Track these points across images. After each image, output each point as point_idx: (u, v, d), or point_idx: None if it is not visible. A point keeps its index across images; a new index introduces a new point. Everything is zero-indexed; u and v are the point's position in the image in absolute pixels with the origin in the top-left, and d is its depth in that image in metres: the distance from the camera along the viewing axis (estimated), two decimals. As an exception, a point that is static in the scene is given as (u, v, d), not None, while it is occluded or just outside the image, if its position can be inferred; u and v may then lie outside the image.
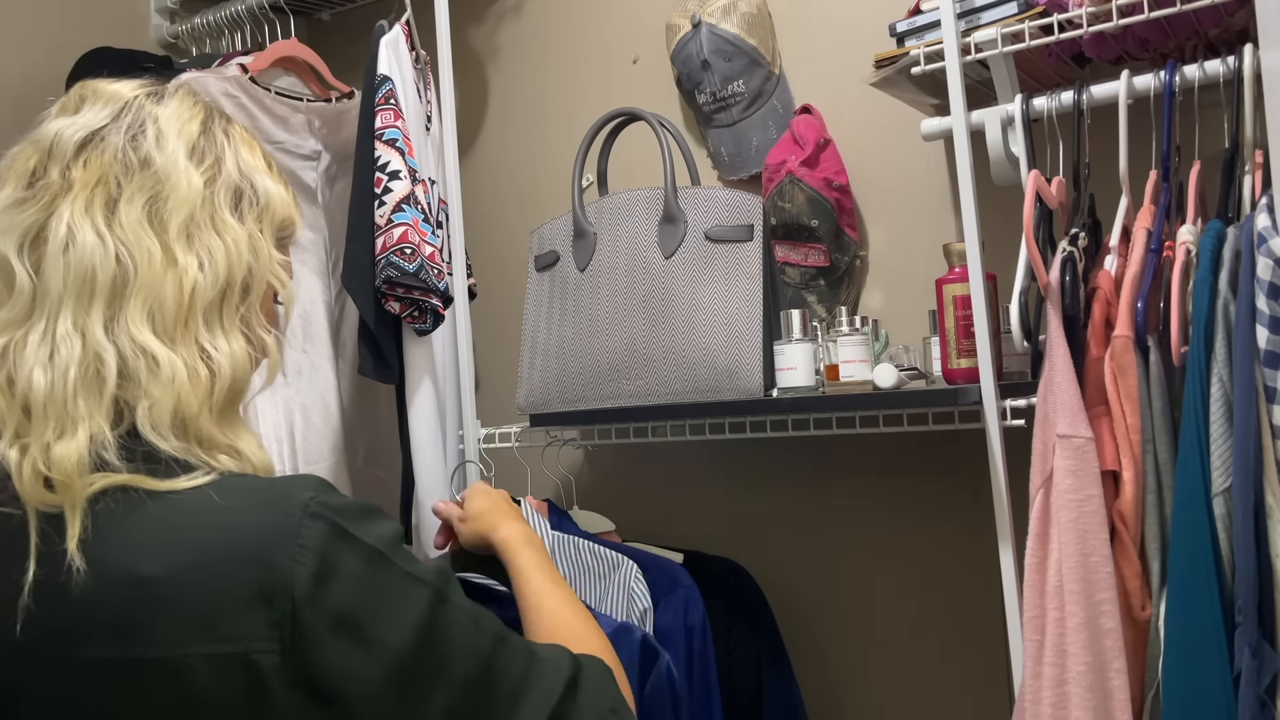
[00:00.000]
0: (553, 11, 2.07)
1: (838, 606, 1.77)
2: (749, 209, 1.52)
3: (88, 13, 2.03)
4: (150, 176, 0.87)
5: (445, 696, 0.79)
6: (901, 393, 1.37)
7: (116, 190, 0.86)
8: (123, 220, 0.85)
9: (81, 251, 0.82)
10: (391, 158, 1.59)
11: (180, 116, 0.91)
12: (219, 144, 0.92)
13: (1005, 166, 1.39)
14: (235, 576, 0.75)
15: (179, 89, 0.95)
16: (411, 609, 0.79)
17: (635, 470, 1.93)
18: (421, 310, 1.59)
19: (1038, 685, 1.19)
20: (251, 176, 0.93)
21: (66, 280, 0.82)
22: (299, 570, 0.75)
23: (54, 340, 0.81)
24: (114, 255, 0.83)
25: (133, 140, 0.88)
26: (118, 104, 0.90)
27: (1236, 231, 1.15)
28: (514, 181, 2.08)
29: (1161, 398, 1.19)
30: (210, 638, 0.74)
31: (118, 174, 0.86)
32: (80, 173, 0.86)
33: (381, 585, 0.79)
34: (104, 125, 0.88)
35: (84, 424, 0.79)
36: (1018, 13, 1.36)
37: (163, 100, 0.92)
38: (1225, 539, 1.11)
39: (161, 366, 0.82)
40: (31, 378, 0.80)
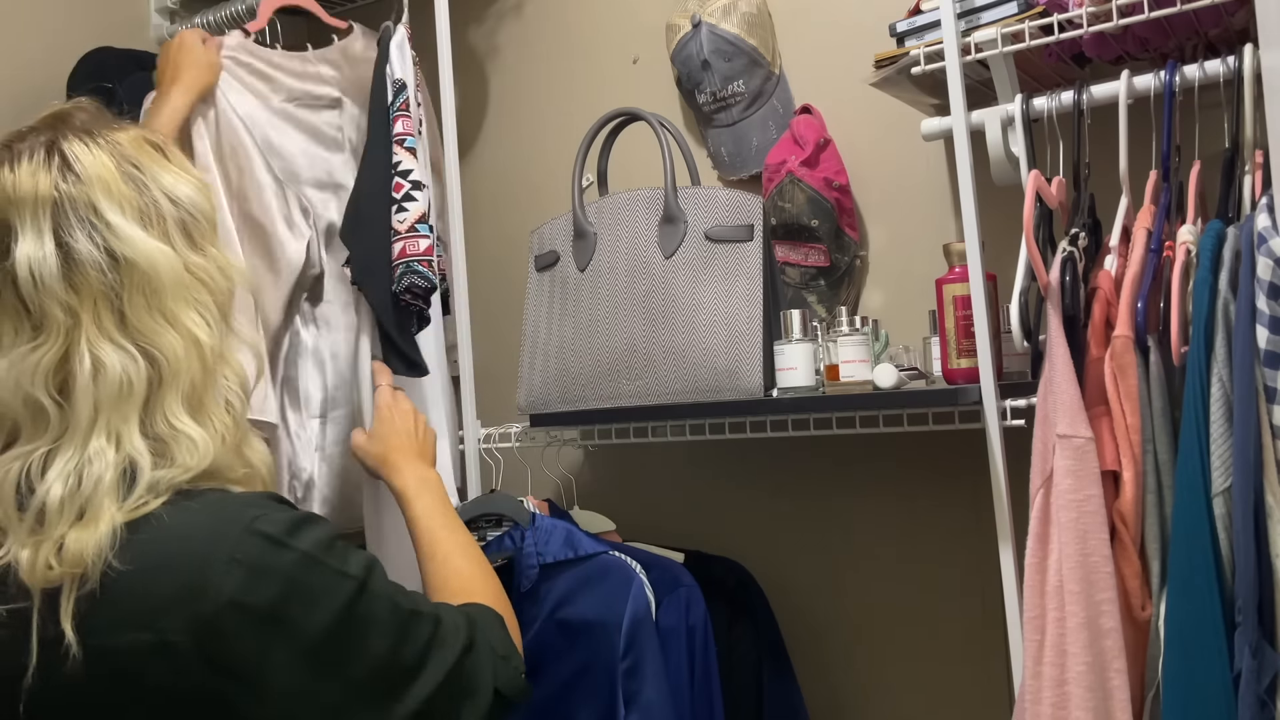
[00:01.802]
0: (553, 11, 2.07)
1: (838, 606, 1.77)
2: (749, 209, 1.52)
3: (88, 13, 2.03)
4: (134, 272, 0.90)
5: (359, 669, 0.89)
6: (901, 393, 1.37)
7: (117, 300, 0.89)
8: (135, 326, 0.90)
9: (112, 372, 0.88)
10: (414, 166, 1.57)
11: (105, 183, 0.91)
12: (142, 186, 0.94)
13: (1005, 166, 1.39)
14: (168, 582, 0.84)
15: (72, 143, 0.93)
16: (333, 601, 0.88)
17: (635, 470, 1.93)
18: (418, 317, 1.59)
19: (1038, 685, 1.19)
20: (177, 197, 0.95)
21: (99, 401, 0.87)
22: (228, 580, 0.84)
23: (83, 456, 0.86)
24: (145, 361, 0.89)
25: (95, 244, 0.90)
26: (46, 207, 0.90)
27: (1236, 231, 1.15)
28: (514, 181, 2.08)
29: (1161, 398, 1.19)
30: (138, 628, 0.83)
31: (108, 286, 0.89)
32: (76, 300, 0.88)
33: (307, 585, 0.87)
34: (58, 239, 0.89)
35: (105, 516, 0.85)
36: (1018, 13, 1.36)
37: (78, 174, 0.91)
38: (1225, 539, 1.11)
39: (199, 445, 0.89)
40: (50, 490, 0.85)
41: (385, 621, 0.92)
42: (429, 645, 0.94)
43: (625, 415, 1.55)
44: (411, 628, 0.94)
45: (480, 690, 0.98)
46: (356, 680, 0.89)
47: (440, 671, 0.94)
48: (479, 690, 0.98)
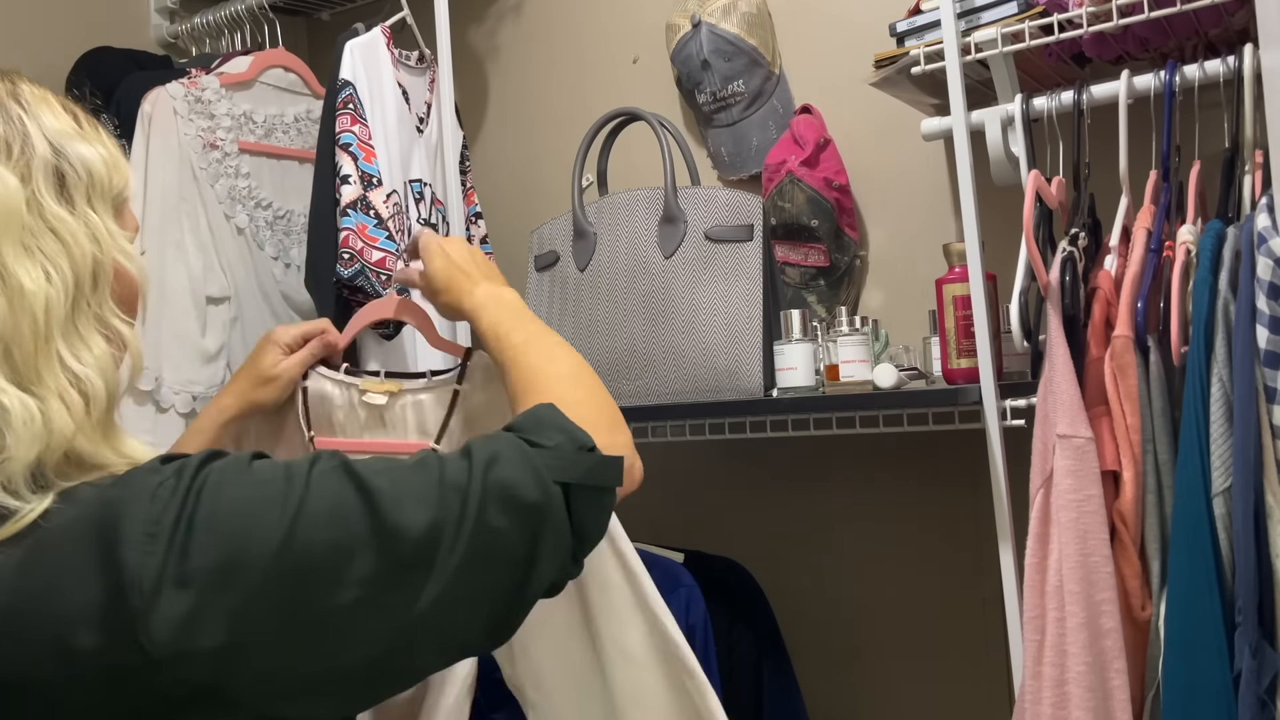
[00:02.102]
0: (553, 11, 2.07)
1: (837, 606, 1.77)
2: (749, 209, 1.52)
3: (88, 13, 2.03)
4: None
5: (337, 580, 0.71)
6: (901, 393, 1.37)
7: None
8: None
9: None
10: (343, 162, 1.59)
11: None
12: (17, 119, 0.79)
13: (1005, 166, 1.39)
14: (78, 592, 0.68)
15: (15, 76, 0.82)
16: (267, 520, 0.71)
17: (635, 470, 1.93)
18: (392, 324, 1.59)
19: (1038, 685, 1.19)
20: (64, 148, 0.80)
21: None
22: (149, 560, 0.68)
23: None
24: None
25: None
26: None
27: (1236, 231, 1.15)
28: (514, 181, 2.08)
29: (1161, 398, 1.19)
30: (65, 654, 0.67)
31: None
32: None
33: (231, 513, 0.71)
34: None
35: None
36: (1018, 13, 1.36)
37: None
38: (1225, 539, 1.11)
39: (15, 417, 0.71)
40: None
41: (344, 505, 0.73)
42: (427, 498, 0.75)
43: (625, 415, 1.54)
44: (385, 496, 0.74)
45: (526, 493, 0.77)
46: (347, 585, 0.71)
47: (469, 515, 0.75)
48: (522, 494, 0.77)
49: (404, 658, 0.75)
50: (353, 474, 0.75)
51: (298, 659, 0.71)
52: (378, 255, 1.56)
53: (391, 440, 1.28)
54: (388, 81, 1.73)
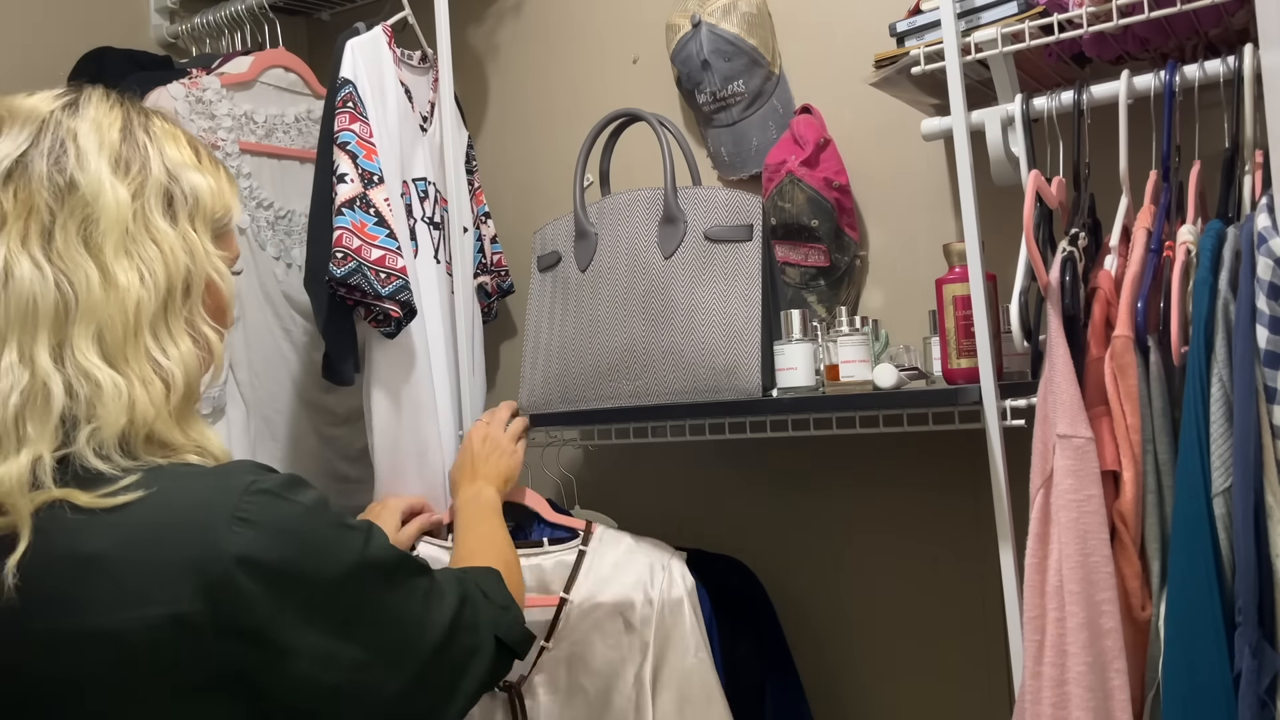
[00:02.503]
0: (553, 11, 2.07)
1: (838, 605, 1.77)
2: (748, 209, 1.52)
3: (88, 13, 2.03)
4: (78, 200, 0.88)
5: (371, 624, 0.90)
6: (901, 393, 1.37)
7: (49, 218, 0.87)
8: (59, 248, 0.87)
9: (20, 284, 0.85)
10: (340, 160, 1.59)
11: (100, 127, 0.92)
12: (142, 146, 0.93)
13: (1005, 166, 1.39)
14: (171, 547, 0.81)
15: (94, 93, 0.95)
16: (341, 554, 0.89)
17: (636, 470, 1.93)
18: (381, 315, 1.59)
19: (1038, 685, 1.19)
20: (179, 174, 0.94)
21: (8, 313, 0.85)
22: (235, 539, 0.82)
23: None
24: (53, 284, 0.86)
25: (56, 163, 0.89)
26: (34, 123, 0.91)
27: (1236, 231, 1.15)
28: (514, 182, 2.08)
29: (1161, 398, 1.19)
30: (144, 603, 0.80)
31: (47, 201, 0.88)
32: (11, 204, 0.87)
33: (314, 538, 0.87)
34: (25, 150, 0.89)
35: (28, 447, 0.82)
36: (1018, 13, 1.36)
37: (79, 111, 0.93)
38: (1225, 539, 1.11)
39: (105, 391, 0.85)
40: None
41: (389, 575, 0.93)
42: (428, 597, 0.97)
43: (625, 415, 1.55)
44: (410, 580, 0.96)
45: (483, 641, 1.02)
46: (370, 637, 0.90)
47: (444, 622, 0.97)
48: (482, 642, 1.02)
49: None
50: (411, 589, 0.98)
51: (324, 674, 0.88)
52: (377, 253, 1.56)
53: None
54: (390, 80, 1.72)
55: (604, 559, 1.48)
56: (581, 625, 1.46)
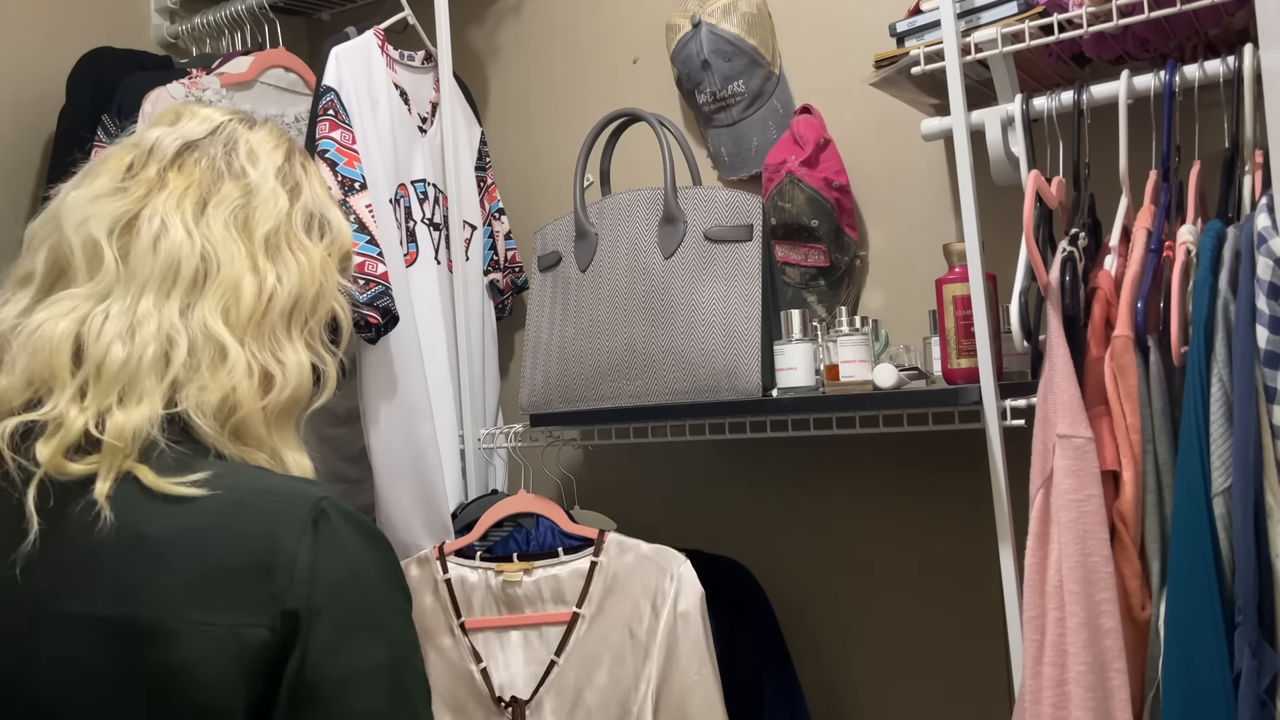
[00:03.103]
0: (553, 11, 2.07)
1: (838, 606, 1.77)
2: (748, 209, 1.52)
3: (88, 13, 2.03)
4: (242, 187, 0.93)
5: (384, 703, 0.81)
6: (901, 393, 1.37)
7: (209, 194, 0.91)
8: (210, 222, 0.90)
9: (171, 243, 0.88)
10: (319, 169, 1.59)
11: (268, 143, 0.98)
12: (299, 174, 0.99)
13: (1005, 166, 1.39)
14: (236, 547, 0.78)
15: (267, 121, 1.02)
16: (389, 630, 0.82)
17: (635, 470, 1.93)
18: (361, 321, 1.58)
19: (1038, 685, 1.19)
20: (324, 209, 0.99)
21: (153, 268, 0.87)
22: (302, 550, 0.78)
23: (135, 316, 0.85)
24: (199, 252, 0.88)
25: (227, 153, 0.94)
26: (213, 123, 0.97)
27: (1236, 231, 1.15)
28: (515, 182, 2.07)
29: (1161, 398, 1.19)
30: (204, 606, 0.77)
31: (211, 180, 0.92)
32: (176, 174, 0.91)
33: (372, 596, 0.81)
34: (201, 137, 0.95)
35: (148, 399, 0.83)
36: (1018, 13, 1.36)
37: (254, 128, 0.99)
38: (1225, 539, 1.11)
39: (229, 357, 0.86)
40: (110, 348, 0.83)
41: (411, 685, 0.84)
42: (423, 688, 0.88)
43: (625, 415, 1.55)
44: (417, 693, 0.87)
45: None
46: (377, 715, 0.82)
47: None
48: None
49: None
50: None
51: None
52: (356, 260, 1.56)
53: (532, 614, 1.52)
54: (380, 84, 1.72)
55: (615, 570, 1.48)
56: (591, 639, 1.47)
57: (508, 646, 1.51)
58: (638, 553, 1.48)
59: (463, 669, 1.51)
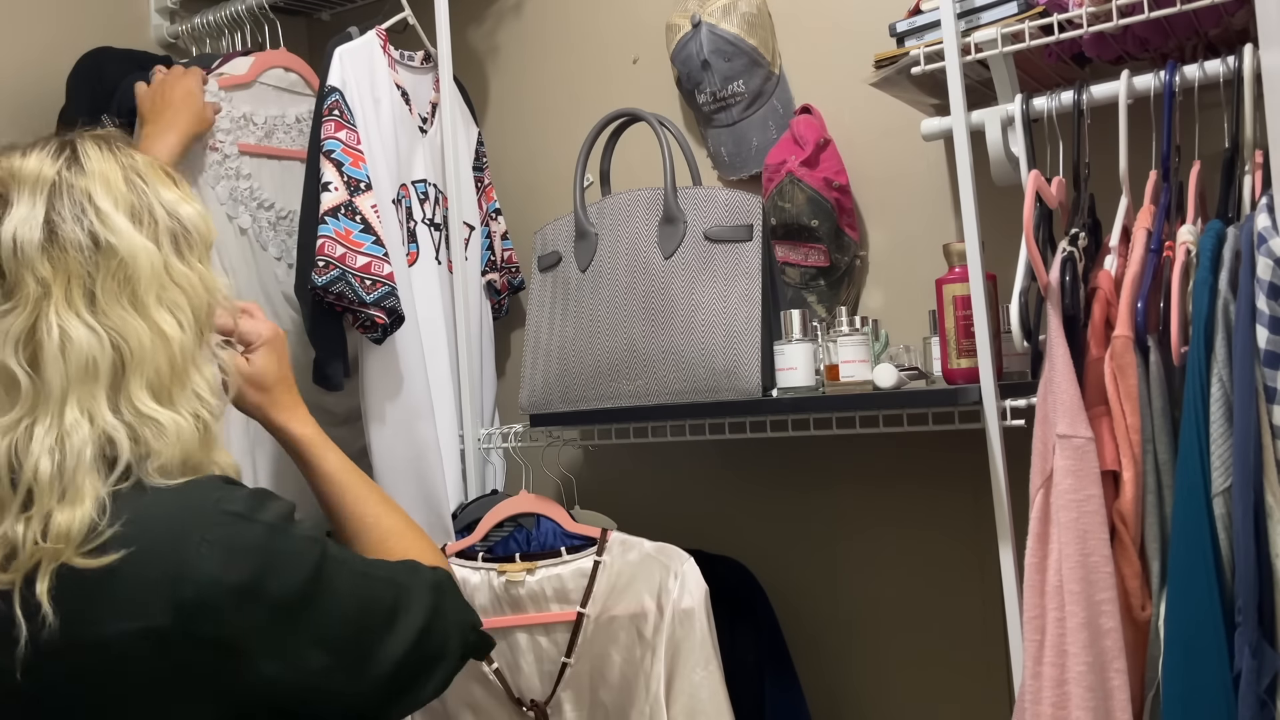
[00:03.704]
0: (553, 11, 2.07)
1: (837, 606, 1.77)
2: (748, 209, 1.52)
3: (88, 13, 2.03)
4: (114, 261, 0.93)
5: (334, 630, 0.94)
6: (901, 393, 1.37)
7: (90, 281, 0.93)
8: (104, 309, 0.92)
9: (79, 347, 0.90)
10: (325, 169, 1.60)
11: (106, 180, 0.96)
12: (142, 191, 0.98)
13: (1005, 166, 1.39)
14: (150, 568, 0.87)
15: (86, 144, 0.99)
16: (302, 566, 0.93)
17: (635, 470, 1.93)
18: (367, 321, 1.59)
19: (1038, 685, 1.19)
20: (176, 212, 0.99)
21: (68, 375, 0.90)
22: (204, 562, 0.88)
23: (61, 429, 0.89)
24: (110, 344, 0.91)
25: (82, 226, 0.94)
26: (45, 188, 0.94)
27: (1236, 231, 1.15)
28: (513, 181, 2.07)
29: (1161, 398, 1.19)
30: (125, 617, 0.86)
31: (85, 266, 0.93)
32: (50, 272, 0.92)
33: (277, 554, 0.92)
34: (47, 215, 0.93)
35: (89, 493, 0.88)
36: (1018, 13, 1.36)
37: (83, 168, 0.97)
38: (1225, 539, 1.11)
39: (168, 430, 0.92)
40: (39, 463, 0.88)
41: (351, 583, 0.97)
42: (395, 606, 0.99)
43: (625, 415, 1.55)
44: (375, 589, 0.99)
45: (449, 653, 1.04)
46: (333, 642, 0.94)
47: (410, 633, 0.99)
48: (448, 653, 1.03)
49: None
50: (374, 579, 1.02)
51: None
52: (363, 260, 1.57)
53: (536, 614, 1.52)
54: (383, 85, 1.72)
55: (619, 568, 1.48)
56: (599, 638, 1.47)
57: (516, 648, 1.50)
58: (641, 551, 1.48)
59: (475, 670, 1.50)
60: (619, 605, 1.46)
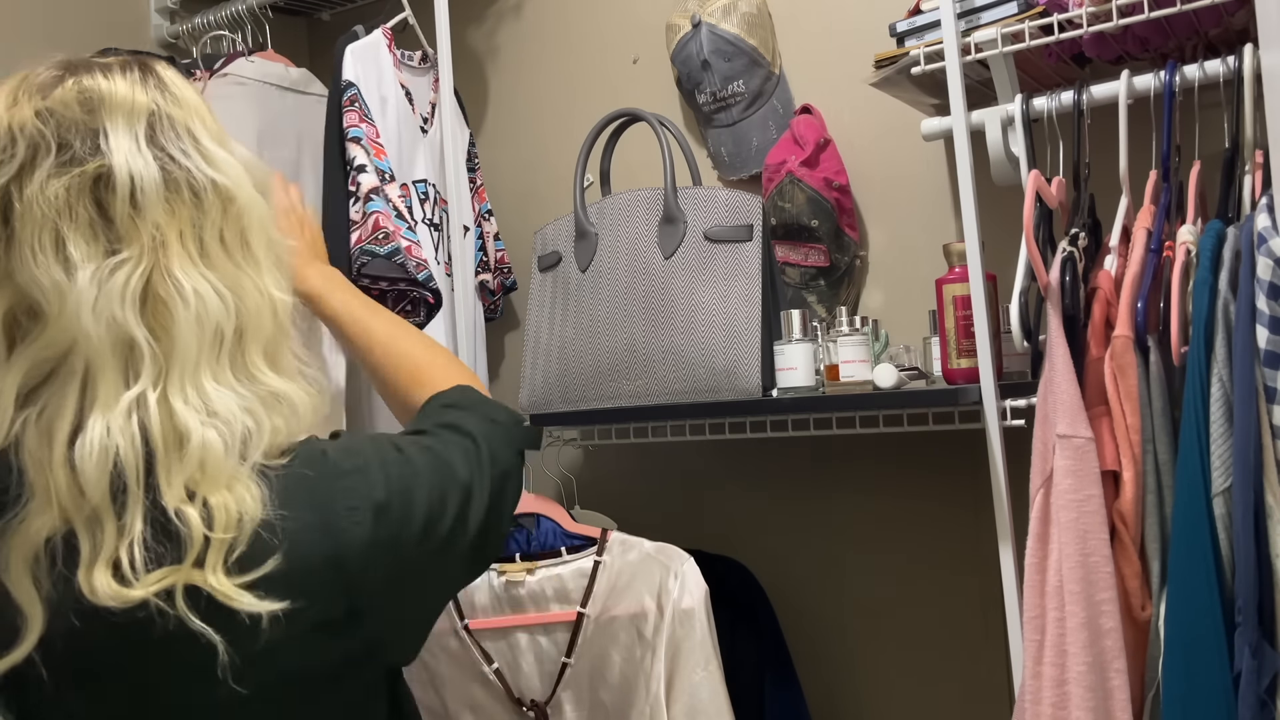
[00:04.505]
0: (553, 11, 2.07)
1: (837, 606, 1.77)
2: (748, 209, 1.52)
3: (88, 13, 2.03)
4: (229, 203, 0.83)
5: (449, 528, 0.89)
6: (901, 393, 1.37)
7: (199, 229, 0.82)
8: (215, 260, 0.82)
9: (210, 306, 0.80)
10: (356, 153, 1.59)
11: (200, 113, 0.86)
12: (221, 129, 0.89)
13: (1005, 166, 1.39)
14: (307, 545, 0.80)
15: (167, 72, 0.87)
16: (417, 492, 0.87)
17: (635, 470, 1.93)
18: (414, 303, 1.59)
19: (1038, 685, 1.19)
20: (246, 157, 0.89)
21: (201, 340, 0.79)
22: (356, 530, 0.81)
23: (206, 401, 0.79)
24: (233, 307, 0.82)
25: (194, 165, 0.82)
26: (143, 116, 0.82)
27: (1236, 231, 1.15)
28: (514, 182, 2.08)
29: (1161, 398, 1.19)
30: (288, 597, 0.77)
31: (194, 206, 0.82)
32: (166, 219, 0.80)
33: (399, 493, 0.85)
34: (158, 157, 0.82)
35: (244, 476, 0.79)
36: (1018, 13, 1.36)
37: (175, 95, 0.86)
38: (1225, 539, 1.11)
39: (298, 405, 0.84)
40: (206, 441, 0.78)
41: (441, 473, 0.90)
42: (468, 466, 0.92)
43: (625, 415, 1.55)
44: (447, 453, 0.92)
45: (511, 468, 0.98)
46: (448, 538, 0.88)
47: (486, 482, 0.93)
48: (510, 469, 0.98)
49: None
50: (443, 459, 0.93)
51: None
52: (405, 242, 1.57)
53: (536, 614, 1.50)
54: (389, 84, 1.72)
55: (619, 568, 1.48)
56: (599, 638, 1.46)
57: (516, 648, 1.50)
58: (641, 551, 1.48)
59: (475, 670, 1.50)
60: (619, 605, 1.46)
